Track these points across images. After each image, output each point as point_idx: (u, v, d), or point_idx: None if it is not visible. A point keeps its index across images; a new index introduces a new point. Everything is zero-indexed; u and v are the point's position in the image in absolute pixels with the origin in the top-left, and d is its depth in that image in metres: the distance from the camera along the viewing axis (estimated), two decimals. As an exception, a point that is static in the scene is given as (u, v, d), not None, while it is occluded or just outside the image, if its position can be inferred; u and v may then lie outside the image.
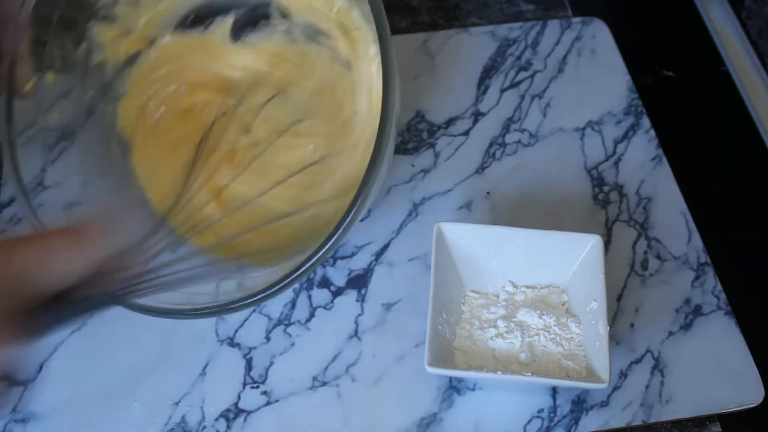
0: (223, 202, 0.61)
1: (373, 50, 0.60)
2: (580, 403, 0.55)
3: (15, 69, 0.53)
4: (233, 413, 0.55)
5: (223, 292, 0.52)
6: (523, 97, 0.70)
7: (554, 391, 0.56)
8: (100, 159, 0.60)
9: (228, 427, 0.54)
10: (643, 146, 0.67)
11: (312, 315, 0.59)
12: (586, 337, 0.54)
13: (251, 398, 0.55)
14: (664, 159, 0.66)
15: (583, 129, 0.68)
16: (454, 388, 0.56)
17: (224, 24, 0.64)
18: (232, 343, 0.57)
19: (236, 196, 0.61)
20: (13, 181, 0.53)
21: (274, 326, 0.58)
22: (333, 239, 0.49)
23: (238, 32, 0.64)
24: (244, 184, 0.61)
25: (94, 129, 0.60)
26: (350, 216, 0.49)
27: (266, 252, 0.57)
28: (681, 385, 0.56)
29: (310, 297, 0.59)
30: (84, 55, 0.59)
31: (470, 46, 0.73)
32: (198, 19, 0.64)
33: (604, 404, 0.55)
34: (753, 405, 0.55)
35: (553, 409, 0.55)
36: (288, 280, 0.50)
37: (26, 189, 0.53)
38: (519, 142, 0.67)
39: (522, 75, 0.71)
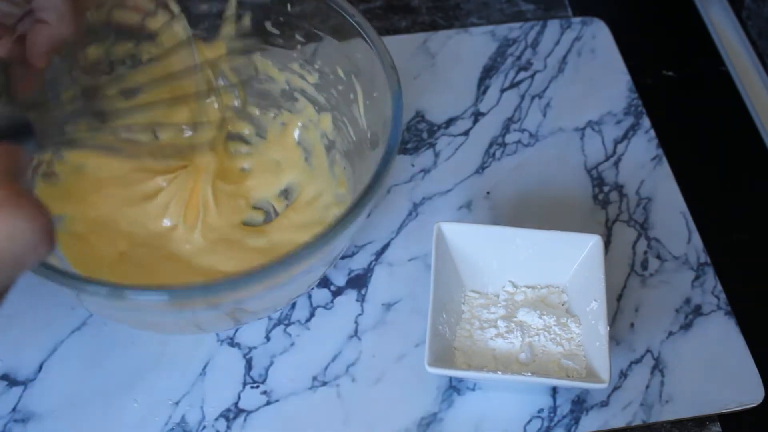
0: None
1: None
2: (580, 403, 0.55)
3: None
4: (233, 413, 0.55)
5: None
6: (523, 97, 0.70)
7: (554, 391, 0.56)
8: None
9: (228, 427, 0.54)
10: (643, 146, 0.67)
11: (312, 315, 0.59)
12: (586, 337, 0.54)
13: (251, 398, 0.55)
14: (664, 159, 0.66)
15: (583, 129, 0.68)
16: (454, 388, 0.56)
17: None
18: (232, 342, 0.57)
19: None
20: None
21: (274, 326, 0.58)
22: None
23: None
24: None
25: None
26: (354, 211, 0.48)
27: None
28: (681, 385, 0.56)
29: (310, 297, 0.59)
30: None
31: (470, 46, 0.73)
32: None
33: (604, 404, 0.55)
34: (753, 405, 0.55)
35: (553, 409, 0.55)
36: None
37: None
38: (519, 142, 0.67)
39: (522, 75, 0.71)
